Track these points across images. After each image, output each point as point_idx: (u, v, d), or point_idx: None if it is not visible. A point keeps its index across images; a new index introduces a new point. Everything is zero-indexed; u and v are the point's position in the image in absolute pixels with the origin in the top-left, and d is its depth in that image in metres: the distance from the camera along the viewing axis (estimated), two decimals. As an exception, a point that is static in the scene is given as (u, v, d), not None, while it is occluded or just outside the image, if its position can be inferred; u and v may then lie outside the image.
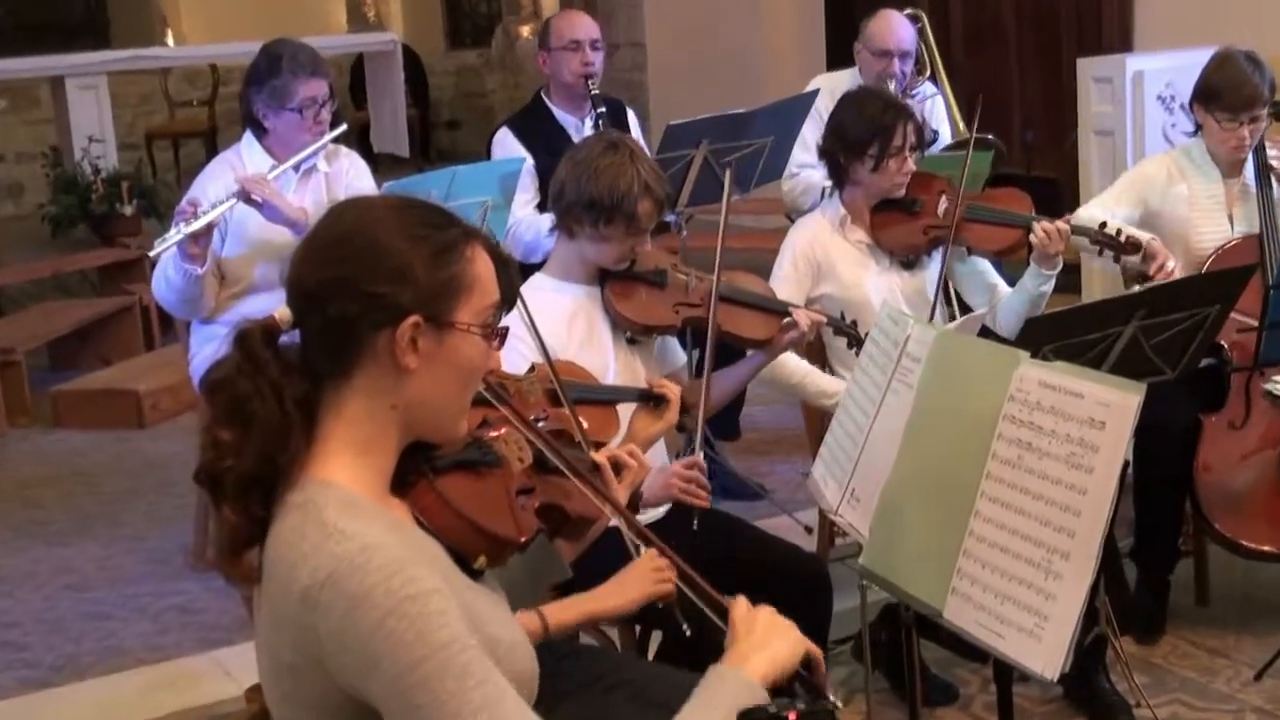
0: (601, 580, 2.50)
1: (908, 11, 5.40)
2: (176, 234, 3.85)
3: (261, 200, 3.93)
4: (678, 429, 3.04)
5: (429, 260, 1.81)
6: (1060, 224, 3.78)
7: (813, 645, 1.96)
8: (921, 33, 5.41)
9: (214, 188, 4.06)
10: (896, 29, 5.14)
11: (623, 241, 3.22)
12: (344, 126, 4.21)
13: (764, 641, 1.93)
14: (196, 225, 3.84)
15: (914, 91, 5.25)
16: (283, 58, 4.05)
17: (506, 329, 1.94)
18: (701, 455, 3.19)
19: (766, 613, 1.97)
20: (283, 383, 1.79)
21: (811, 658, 1.95)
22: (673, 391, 2.94)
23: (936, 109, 5.37)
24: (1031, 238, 3.79)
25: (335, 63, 12.30)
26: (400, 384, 1.82)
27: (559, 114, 4.81)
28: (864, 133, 3.79)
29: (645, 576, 2.43)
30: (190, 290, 3.98)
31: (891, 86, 4.99)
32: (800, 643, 1.95)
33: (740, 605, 1.99)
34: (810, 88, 5.10)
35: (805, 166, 5.00)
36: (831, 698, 1.94)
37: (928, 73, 5.45)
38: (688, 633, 1.94)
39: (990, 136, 5.09)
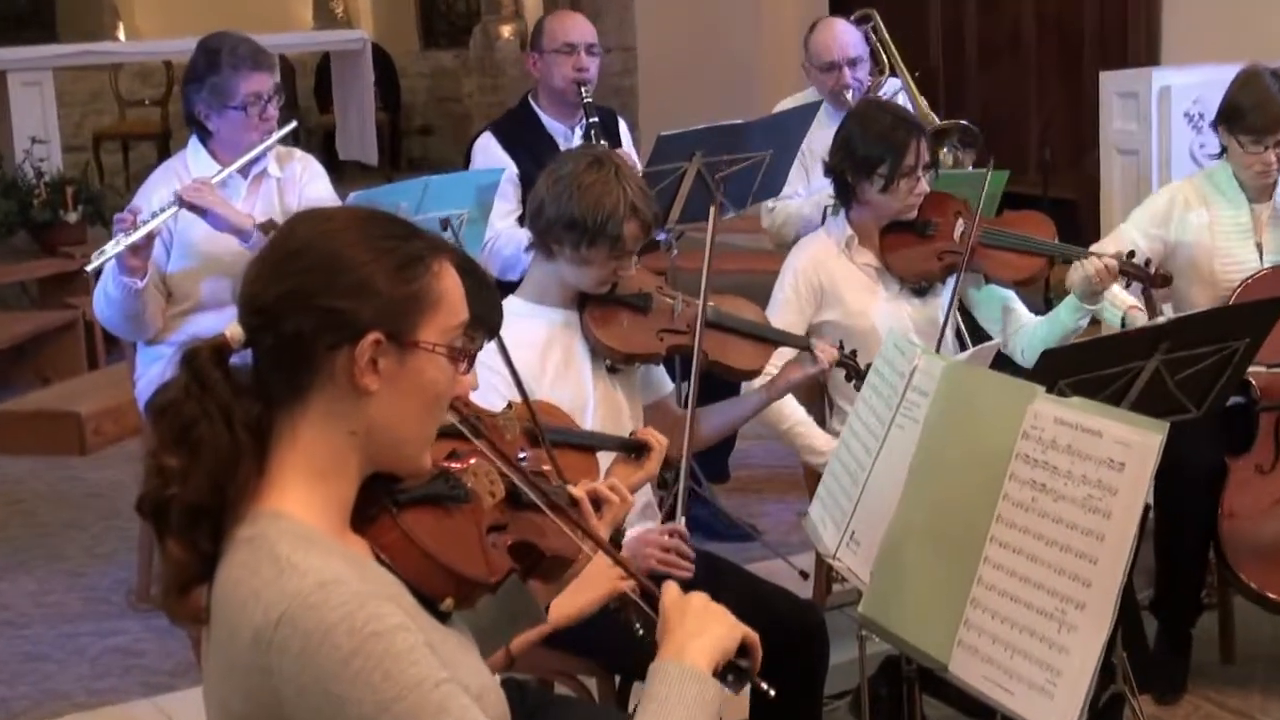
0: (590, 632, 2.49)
1: (856, 14, 5.39)
2: (115, 245, 3.85)
3: (204, 207, 3.92)
4: (658, 484, 3.02)
5: (392, 273, 1.81)
6: (1109, 260, 3.77)
7: (749, 630, 1.94)
8: (875, 30, 5.41)
9: (158, 198, 4.06)
10: (839, 36, 5.12)
11: (605, 265, 3.19)
12: (294, 123, 4.22)
13: (700, 628, 1.91)
14: (136, 236, 3.84)
15: (879, 92, 5.24)
16: (221, 52, 4.06)
17: (475, 352, 1.93)
18: (683, 521, 3.12)
19: (699, 598, 1.96)
20: (233, 406, 1.78)
21: (748, 644, 1.94)
22: (658, 442, 2.90)
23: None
24: (1080, 273, 3.77)
25: (300, 62, 12.34)
26: (359, 407, 1.81)
27: (547, 121, 4.82)
28: (873, 150, 3.78)
29: (606, 573, 2.43)
30: (131, 306, 3.97)
31: (849, 96, 4.97)
32: (737, 626, 1.93)
33: (670, 591, 1.97)
34: (774, 110, 5.11)
35: (782, 198, 4.97)
36: (764, 685, 1.94)
37: (887, 71, 5.45)
38: (640, 632, 1.97)
39: (963, 122, 5.10)
